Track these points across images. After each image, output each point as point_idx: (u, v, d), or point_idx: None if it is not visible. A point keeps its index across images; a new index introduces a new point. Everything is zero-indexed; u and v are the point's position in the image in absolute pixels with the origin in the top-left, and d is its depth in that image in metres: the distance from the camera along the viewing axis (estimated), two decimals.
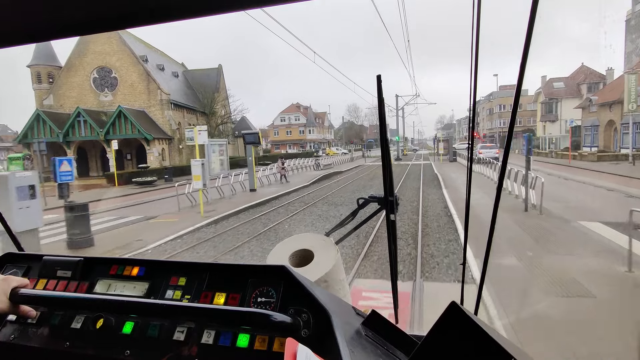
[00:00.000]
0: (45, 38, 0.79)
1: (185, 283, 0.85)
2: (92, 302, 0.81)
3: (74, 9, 0.64)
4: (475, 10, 0.72)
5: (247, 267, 0.84)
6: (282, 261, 1.00)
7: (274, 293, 0.78)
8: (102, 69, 31.67)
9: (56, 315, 0.84)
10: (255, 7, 0.65)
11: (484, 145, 36.46)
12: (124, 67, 31.28)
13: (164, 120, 31.64)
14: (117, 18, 0.69)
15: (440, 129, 55.32)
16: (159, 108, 31.59)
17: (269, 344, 0.70)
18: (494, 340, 0.56)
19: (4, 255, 1.01)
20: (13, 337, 0.84)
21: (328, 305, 0.71)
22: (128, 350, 0.76)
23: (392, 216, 1.03)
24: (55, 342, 0.81)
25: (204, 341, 0.74)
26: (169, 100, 31.75)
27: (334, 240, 1.13)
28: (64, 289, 0.91)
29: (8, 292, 0.78)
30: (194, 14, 0.66)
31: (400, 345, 0.77)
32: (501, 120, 64.25)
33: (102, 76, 31.68)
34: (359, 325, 0.76)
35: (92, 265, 0.94)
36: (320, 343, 0.67)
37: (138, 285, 0.88)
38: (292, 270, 0.79)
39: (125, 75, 31.28)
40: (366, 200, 1.17)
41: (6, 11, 0.63)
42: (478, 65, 0.78)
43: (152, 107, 31.52)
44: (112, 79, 31.74)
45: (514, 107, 0.77)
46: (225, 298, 0.81)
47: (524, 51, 0.66)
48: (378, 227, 8.64)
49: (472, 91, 0.82)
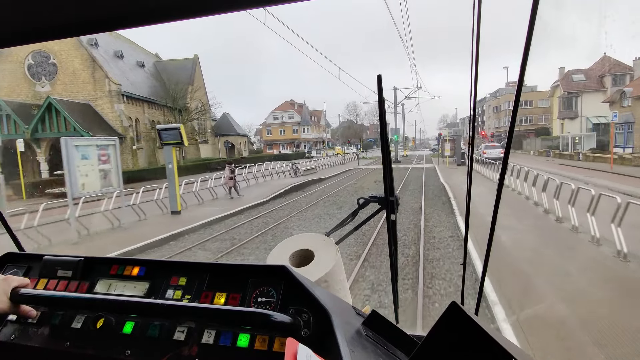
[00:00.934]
0: (46, 38, 0.79)
1: (185, 283, 0.85)
2: (93, 302, 0.82)
3: (74, 9, 0.64)
4: (475, 9, 0.72)
5: (248, 267, 0.85)
6: (283, 261, 1.01)
7: (274, 293, 0.78)
8: (38, 54, 26.31)
9: (56, 315, 0.84)
10: (255, 7, 0.65)
11: (488, 145, 33.62)
12: (64, 51, 25.96)
13: (113, 116, 26.33)
14: (118, 18, 0.68)
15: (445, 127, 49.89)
16: (107, 101, 26.28)
17: (269, 344, 0.70)
18: (494, 340, 0.56)
19: (5, 255, 1.01)
20: (13, 337, 0.84)
21: (328, 305, 0.71)
22: (128, 350, 0.76)
23: (392, 216, 1.03)
24: (55, 342, 0.81)
25: (204, 341, 0.74)
26: (120, 92, 26.42)
27: (334, 240, 1.12)
28: (65, 289, 0.91)
29: (8, 292, 0.78)
30: (194, 14, 0.66)
31: (401, 345, 0.77)
32: (509, 118, 58.68)
33: (38, 62, 26.34)
34: (359, 325, 0.76)
35: (93, 265, 0.94)
36: (320, 343, 0.67)
37: (138, 285, 0.88)
38: (293, 270, 0.79)
39: (66, 61, 25.97)
40: (366, 200, 1.17)
41: (6, 11, 0.64)
42: (479, 65, 0.78)
43: (98, 100, 26.22)
44: (50, 66, 26.42)
45: (515, 106, 0.78)
46: (226, 298, 0.81)
47: (525, 50, 0.66)
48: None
49: (473, 91, 0.82)
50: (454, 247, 7.40)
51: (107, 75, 26.09)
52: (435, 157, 40.12)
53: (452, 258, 6.69)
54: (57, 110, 22.54)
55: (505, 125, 57.04)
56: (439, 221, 9.74)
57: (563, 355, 3.23)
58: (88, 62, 26.00)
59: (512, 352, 0.53)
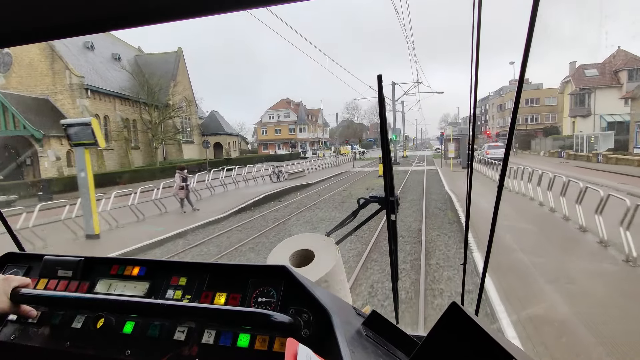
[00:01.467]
0: (46, 38, 0.78)
1: (185, 283, 0.85)
2: (93, 302, 0.82)
3: (74, 9, 0.64)
4: (475, 5, 0.71)
5: (248, 267, 0.84)
6: (283, 261, 1.01)
7: (274, 293, 0.78)
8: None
9: (57, 315, 0.84)
10: (256, 7, 0.64)
11: (492, 145, 31.37)
12: None
13: (76, 112, 23.41)
14: (118, 18, 0.68)
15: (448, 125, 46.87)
16: (68, 95, 23.37)
17: (269, 344, 0.70)
18: (494, 340, 0.56)
19: (5, 255, 1.01)
20: (14, 337, 0.84)
21: (328, 305, 0.71)
22: (129, 350, 0.76)
23: (392, 216, 1.03)
24: (55, 341, 0.81)
25: (204, 341, 0.73)
26: (83, 85, 23.49)
27: (334, 240, 1.12)
28: (65, 289, 0.91)
29: (9, 292, 0.78)
30: (194, 14, 0.66)
31: (401, 345, 0.77)
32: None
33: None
34: (359, 326, 0.76)
35: (93, 265, 0.94)
36: (320, 343, 0.67)
37: (139, 285, 0.87)
38: (293, 270, 0.79)
39: (22, 51, 23.02)
40: (367, 200, 1.16)
41: (6, 11, 0.64)
42: (479, 63, 0.78)
43: (59, 94, 23.32)
44: (4, 57, 23.50)
45: (515, 105, 0.78)
46: (226, 298, 0.81)
47: (526, 47, 0.65)
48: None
49: (473, 89, 0.82)
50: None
51: (68, 67, 23.16)
52: (437, 157, 37.06)
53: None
54: (3, 105, 19.63)
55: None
56: (447, 255, 6.79)
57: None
58: (46, 52, 23.08)
59: (513, 353, 0.53)
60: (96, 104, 24.94)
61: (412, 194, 14.94)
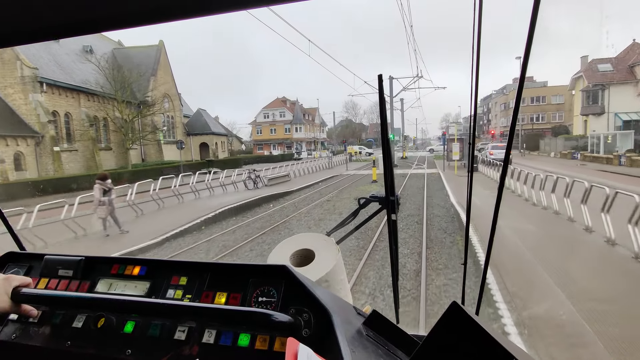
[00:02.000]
0: (46, 37, 0.77)
1: (186, 283, 0.85)
2: (94, 301, 0.81)
3: (74, 8, 0.64)
4: (476, 6, 0.71)
5: (248, 266, 0.84)
6: (283, 261, 1.01)
7: (275, 293, 0.78)
8: None
9: (57, 314, 0.84)
10: (256, 7, 0.64)
11: (496, 145, 29.31)
12: None
13: (28, 108, 20.59)
14: (118, 17, 0.68)
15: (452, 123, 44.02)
16: (20, 89, 20.54)
17: (270, 344, 0.70)
18: (495, 340, 0.56)
19: (6, 255, 1.00)
20: (14, 336, 0.83)
21: (329, 305, 0.71)
22: (129, 350, 0.76)
23: (393, 216, 1.02)
24: (56, 341, 0.81)
25: (205, 341, 0.73)
26: (36, 78, 20.66)
27: (334, 240, 1.11)
28: (66, 288, 0.91)
29: (10, 292, 0.78)
30: (194, 13, 0.65)
31: (401, 345, 0.77)
32: (520, 115, 53.67)
33: None
34: (360, 325, 0.76)
35: (94, 265, 0.93)
36: (321, 343, 0.67)
37: (139, 284, 0.87)
38: (293, 270, 0.79)
39: None
40: (367, 200, 1.16)
41: (6, 11, 0.64)
42: (479, 61, 0.78)
43: (9, 88, 20.49)
44: None
45: (516, 104, 0.77)
46: (226, 298, 0.80)
47: (527, 45, 0.65)
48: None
49: (474, 87, 0.82)
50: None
51: (19, 57, 20.34)
52: (439, 159, 34.14)
53: None
54: None
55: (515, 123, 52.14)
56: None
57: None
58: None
59: (513, 353, 0.53)
60: (54, 100, 22.13)
61: (408, 207, 12.07)
